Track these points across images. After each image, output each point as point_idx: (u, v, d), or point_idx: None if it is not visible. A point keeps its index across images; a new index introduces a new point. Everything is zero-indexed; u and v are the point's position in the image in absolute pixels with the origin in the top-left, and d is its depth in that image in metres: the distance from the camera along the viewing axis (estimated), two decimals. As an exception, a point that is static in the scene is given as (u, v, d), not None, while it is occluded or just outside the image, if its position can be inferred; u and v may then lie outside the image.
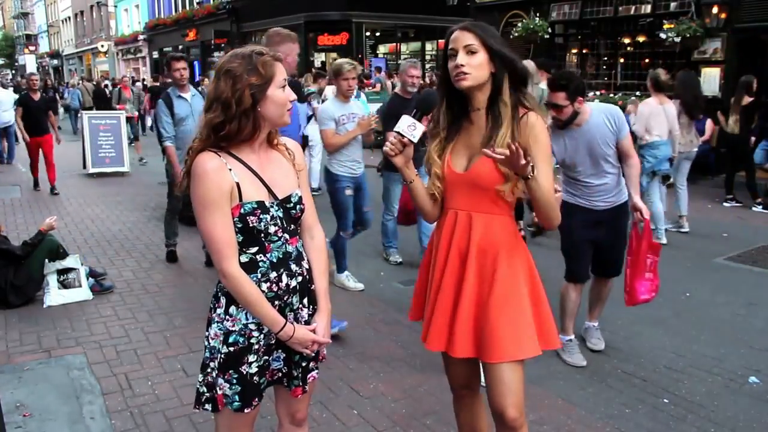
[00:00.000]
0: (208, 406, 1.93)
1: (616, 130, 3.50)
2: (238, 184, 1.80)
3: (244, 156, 1.85)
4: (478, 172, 2.02)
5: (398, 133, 2.03)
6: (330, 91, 9.06)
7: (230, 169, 1.80)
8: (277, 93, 1.82)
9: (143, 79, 26.84)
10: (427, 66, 22.79)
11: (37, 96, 9.91)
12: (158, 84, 17.57)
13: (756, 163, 8.50)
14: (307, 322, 1.97)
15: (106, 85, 20.77)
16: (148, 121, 17.09)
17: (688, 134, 6.60)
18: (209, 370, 1.90)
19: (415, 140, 2.03)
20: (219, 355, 1.87)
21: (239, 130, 1.79)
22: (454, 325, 2.06)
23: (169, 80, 6.93)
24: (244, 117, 1.78)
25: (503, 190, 2.00)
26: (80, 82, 22.56)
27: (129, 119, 13.14)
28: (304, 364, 2.00)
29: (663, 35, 10.34)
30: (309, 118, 9.02)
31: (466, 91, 2.01)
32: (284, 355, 1.98)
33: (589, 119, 3.50)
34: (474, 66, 1.95)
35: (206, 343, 1.92)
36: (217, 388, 1.88)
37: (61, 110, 19.58)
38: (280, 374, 2.01)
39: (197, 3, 28.65)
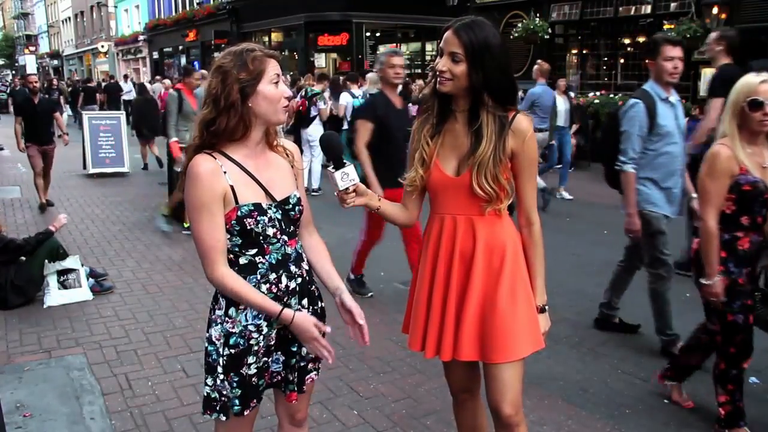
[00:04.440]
0: (221, 416, 1.90)
1: None
2: (232, 187, 1.79)
3: (240, 158, 1.84)
4: (468, 181, 1.99)
5: (343, 191, 1.94)
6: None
7: (225, 172, 1.79)
8: (267, 88, 1.80)
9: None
10: (427, 67, 22.81)
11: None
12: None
13: None
14: None
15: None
16: None
17: None
18: (216, 374, 1.88)
19: (357, 179, 1.95)
20: (221, 359, 1.87)
21: (227, 125, 1.78)
22: (461, 330, 2.04)
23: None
24: (233, 111, 1.77)
25: (486, 209, 2.00)
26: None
27: None
28: (302, 365, 1.99)
29: (663, 35, 10.35)
30: (312, 119, 8.96)
31: (448, 93, 2.00)
32: (283, 358, 1.97)
33: None
34: (455, 74, 1.93)
35: (207, 345, 1.91)
36: (223, 392, 1.88)
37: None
38: (279, 378, 2.00)
39: (197, 3, 28.65)
